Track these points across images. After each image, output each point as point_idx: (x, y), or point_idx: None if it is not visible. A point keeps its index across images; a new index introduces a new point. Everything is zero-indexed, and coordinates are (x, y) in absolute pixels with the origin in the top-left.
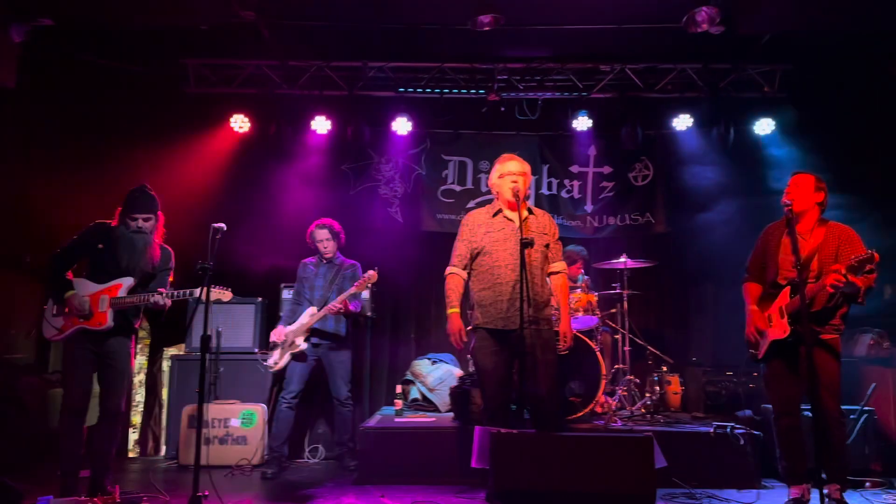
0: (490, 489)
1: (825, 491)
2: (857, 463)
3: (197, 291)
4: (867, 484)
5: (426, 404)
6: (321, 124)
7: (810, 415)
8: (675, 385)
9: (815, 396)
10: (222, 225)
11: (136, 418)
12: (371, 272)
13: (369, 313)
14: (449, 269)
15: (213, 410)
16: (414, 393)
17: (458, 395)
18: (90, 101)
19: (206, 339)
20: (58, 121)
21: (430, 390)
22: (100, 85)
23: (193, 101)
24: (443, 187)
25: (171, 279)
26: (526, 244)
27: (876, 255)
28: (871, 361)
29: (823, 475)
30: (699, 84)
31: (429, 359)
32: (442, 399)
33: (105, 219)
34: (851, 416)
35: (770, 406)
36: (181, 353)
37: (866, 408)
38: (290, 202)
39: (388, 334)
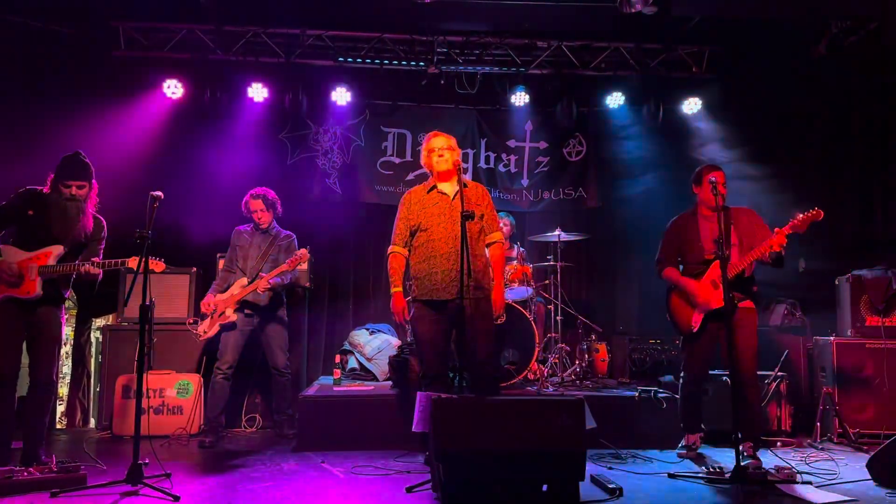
0: (430, 452)
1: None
2: (769, 424)
3: (129, 261)
4: (778, 443)
5: (364, 373)
6: (258, 92)
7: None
8: (602, 353)
9: (741, 360)
10: (159, 193)
11: (63, 390)
12: (303, 251)
13: (307, 284)
14: (390, 249)
15: (149, 380)
16: (352, 363)
17: (398, 363)
18: (15, 62)
19: (145, 308)
20: None
21: (368, 360)
22: (26, 46)
23: (124, 65)
24: (382, 159)
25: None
26: (467, 216)
27: (821, 212)
28: (784, 330)
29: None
30: (631, 63)
31: (367, 329)
32: (380, 368)
33: (31, 184)
34: (766, 381)
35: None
36: (110, 323)
37: (779, 373)
38: (226, 171)
39: (325, 305)
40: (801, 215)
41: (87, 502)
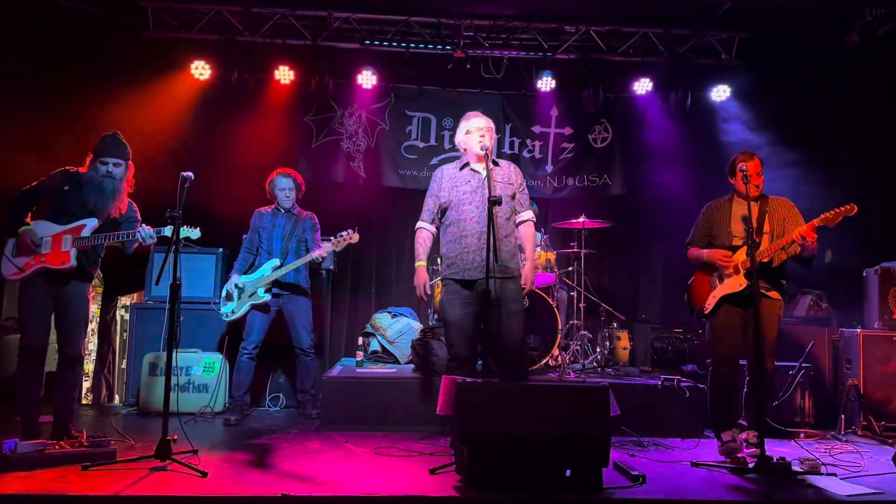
0: (454, 435)
1: (744, 436)
2: (793, 415)
3: (165, 230)
4: (802, 435)
5: (386, 356)
6: (284, 74)
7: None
8: (624, 341)
9: (757, 348)
10: (190, 174)
11: (89, 366)
12: (353, 233)
13: (331, 266)
14: (418, 224)
15: (176, 358)
16: (374, 345)
17: (421, 347)
18: (46, 43)
19: (175, 286)
20: (11, 61)
21: (390, 343)
22: (57, 26)
23: (153, 46)
24: (406, 143)
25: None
26: (494, 202)
27: (854, 207)
28: (809, 321)
29: (742, 421)
30: (660, 49)
31: (389, 312)
32: (401, 351)
33: (58, 165)
34: (790, 372)
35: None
36: (137, 301)
37: (804, 364)
38: (251, 153)
39: (348, 288)
40: (834, 209)
41: (118, 476)
